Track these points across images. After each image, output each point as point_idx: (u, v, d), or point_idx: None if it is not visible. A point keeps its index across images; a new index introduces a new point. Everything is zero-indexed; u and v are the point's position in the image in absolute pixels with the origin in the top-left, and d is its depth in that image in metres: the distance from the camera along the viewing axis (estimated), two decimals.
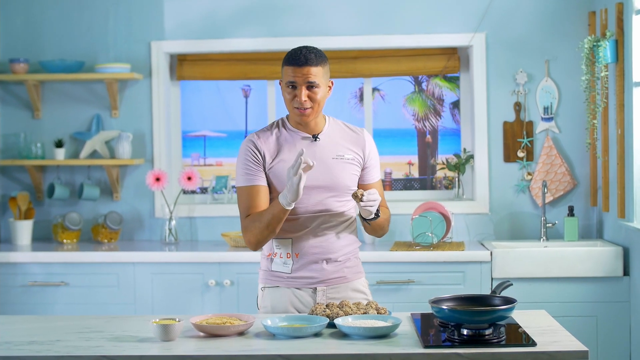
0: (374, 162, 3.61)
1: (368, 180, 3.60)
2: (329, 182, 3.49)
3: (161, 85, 5.86)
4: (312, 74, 3.41)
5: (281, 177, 3.46)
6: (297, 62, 3.40)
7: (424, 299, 4.90)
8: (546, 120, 5.70)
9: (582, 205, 5.70)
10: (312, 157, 3.45)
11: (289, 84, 3.43)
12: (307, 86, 3.41)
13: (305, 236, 3.50)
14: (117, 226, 5.78)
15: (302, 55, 3.41)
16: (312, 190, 3.46)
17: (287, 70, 3.43)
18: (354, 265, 3.61)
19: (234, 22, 5.82)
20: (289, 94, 3.44)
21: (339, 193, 3.51)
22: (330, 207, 3.51)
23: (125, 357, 2.86)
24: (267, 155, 3.49)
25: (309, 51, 3.43)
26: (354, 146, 3.56)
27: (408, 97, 6.03)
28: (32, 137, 5.89)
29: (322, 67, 3.44)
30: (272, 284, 3.55)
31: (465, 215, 5.76)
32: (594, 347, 5.09)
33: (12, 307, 5.31)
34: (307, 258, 3.50)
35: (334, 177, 3.49)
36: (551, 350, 2.83)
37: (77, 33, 5.89)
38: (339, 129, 3.58)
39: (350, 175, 3.53)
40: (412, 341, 2.97)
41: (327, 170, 3.48)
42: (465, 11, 5.74)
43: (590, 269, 5.11)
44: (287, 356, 2.84)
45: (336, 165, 3.50)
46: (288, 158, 3.47)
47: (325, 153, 3.50)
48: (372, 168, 3.60)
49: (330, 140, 3.53)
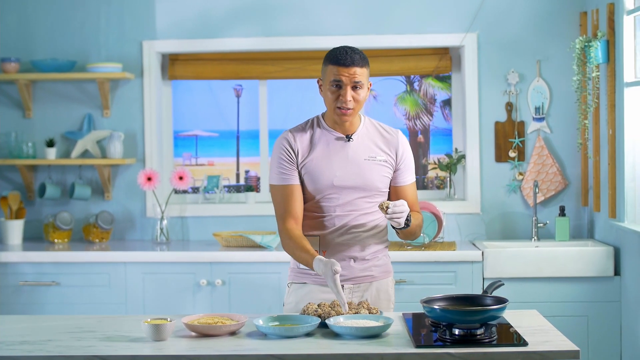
0: (406, 164, 3.59)
1: (400, 182, 3.58)
2: (359, 183, 3.50)
3: (153, 84, 5.85)
4: (358, 75, 3.41)
5: (313, 175, 3.48)
6: (345, 62, 3.40)
7: (416, 298, 4.89)
8: (537, 121, 5.71)
9: (573, 205, 5.71)
10: (345, 158, 3.49)
11: (334, 82, 3.42)
12: (352, 86, 3.42)
13: (334, 234, 3.51)
14: (109, 226, 5.77)
15: (349, 55, 3.40)
16: (343, 190, 3.48)
17: (332, 69, 3.42)
18: (383, 264, 3.62)
19: (226, 21, 5.82)
20: (332, 93, 3.43)
21: (369, 194, 3.52)
22: (360, 207, 3.52)
23: (117, 357, 2.86)
24: (300, 153, 3.50)
25: (354, 52, 3.42)
26: (386, 148, 3.55)
27: (399, 97, 6.03)
28: (23, 137, 5.87)
29: (367, 69, 3.45)
30: (300, 281, 3.58)
31: (457, 215, 5.76)
32: (585, 346, 5.10)
33: (3, 307, 5.30)
34: (335, 256, 3.51)
35: (365, 178, 3.50)
36: (542, 350, 2.83)
37: (69, 32, 5.88)
38: (373, 129, 3.58)
39: (381, 177, 3.53)
40: (404, 341, 2.97)
41: (358, 171, 3.49)
42: (457, 11, 5.74)
43: (582, 269, 5.12)
44: (279, 356, 2.84)
45: (368, 166, 3.51)
46: (320, 156, 3.49)
47: (358, 154, 3.51)
48: (405, 170, 3.58)
49: (363, 141, 3.53)
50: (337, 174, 3.48)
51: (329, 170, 3.48)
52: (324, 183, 3.48)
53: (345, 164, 3.49)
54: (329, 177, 3.47)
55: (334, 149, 3.50)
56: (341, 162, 3.49)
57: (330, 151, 3.50)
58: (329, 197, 3.49)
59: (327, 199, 3.49)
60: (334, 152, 3.50)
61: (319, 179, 3.48)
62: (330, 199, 3.48)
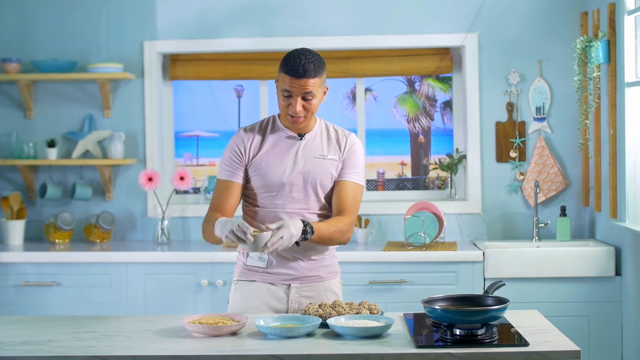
0: (351, 163, 3.56)
1: (341, 177, 3.55)
2: (309, 181, 3.51)
3: (154, 85, 5.86)
4: (310, 85, 3.39)
5: (263, 172, 3.50)
6: (296, 73, 3.37)
7: (417, 299, 4.90)
8: (538, 121, 5.71)
9: (574, 206, 5.71)
10: (295, 156, 3.50)
11: (285, 92, 3.42)
12: (302, 97, 3.41)
13: None
14: (110, 226, 5.77)
15: (301, 66, 3.36)
16: (293, 188, 3.50)
17: (284, 78, 3.41)
18: (330, 264, 3.63)
19: (227, 22, 5.82)
20: (283, 100, 3.44)
21: (317, 192, 3.53)
22: (309, 205, 3.53)
23: (118, 357, 2.86)
24: (251, 152, 3.53)
25: (309, 61, 3.38)
26: (337, 147, 3.56)
27: (399, 98, 6.03)
28: (24, 137, 5.88)
29: (320, 77, 3.42)
30: (247, 278, 3.58)
31: (458, 215, 5.76)
32: (586, 347, 5.10)
33: (4, 308, 5.30)
34: (283, 254, 3.52)
35: (314, 176, 3.51)
36: (543, 350, 2.83)
37: (70, 33, 5.88)
38: (326, 131, 3.59)
39: (330, 175, 3.54)
40: (405, 341, 2.97)
41: (308, 169, 3.51)
42: (458, 11, 5.74)
43: (583, 269, 5.12)
44: (280, 356, 2.84)
45: (318, 164, 3.52)
46: (271, 154, 3.51)
47: (309, 152, 3.52)
48: (347, 168, 3.55)
49: (315, 140, 3.55)
50: (287, 171, 3.49)
51: (279, 167, 3.49)
52: (273, 180, 3.49)
53: (296, 161, 3.50)
54: (278, 174, 3.49)
55: (285, 147, 3.52)
56: (291, 160, 3.50)
57: (281, 149, 3.52)
58: (279, 194, 3.50)
59: (277, 196, 3.51)
60: (285, 150, 3.52)
61: (269, 175, 3.49)
62: (280, 196, 3.50)
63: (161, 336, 3.10)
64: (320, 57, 3.44)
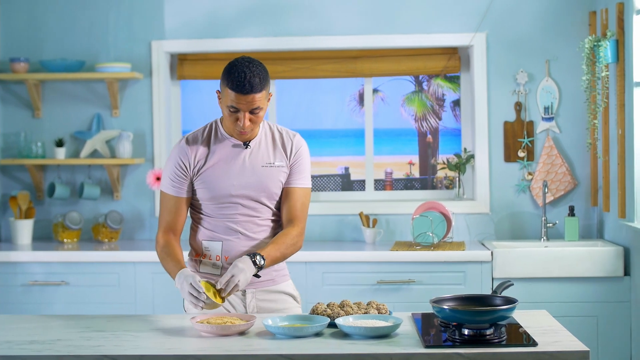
0: (298, 167, 3.52)
1: (289, 184, 3.52)
2: (258, 189, 3.47)
3: (162, 84, 5.86)
4: (257, 101, 3.33)
5: (210, 184, 3.45)
6: (242, 89, 3.29)
7: (425, 298, 4.91)
8: (547, 120, 5.70)
9: (583, 205, 5.70)
10: (242, 166, 3.45)
11: (231, 108, 3.35)
12: (250, 111, 3.35)
13: (235, 240, 3.48)
14: (118, 225, 5.78)
15: (247, 81, 3.28)
16: (242, 198, 3.46)
17: (229, 94, 3.33)
18: (281, 268, 3.60)
19: (235, 21, 5.82)
20: (230, 115, 3.36)
21: (267, 200, 3.50)
22: (259, 212, 3.50)
23: (126, 357, 2.86)
24: (196, 163, 3.46)
25: (253, 75, 3.30)
26: (282, 152, 3.51)
27: (407, 97, 6.03)
28: (33, 137, 5.89)
29: (266, 89, 3.36)
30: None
31: (466, 215, 5.76)
32: (594, 347, 5.09)
33: (12, 307, 5.31)
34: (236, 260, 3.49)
35: (263, 184, 3.47)
36: (552, 350, 2.83)
37: (78, 32, 5.89)
38: (270, 135, 3.53)
39: (279, 182, 3.50)
40: (413, 341, 2.97)
41: (256, 179, 3.46)
42: (466, 11, 5.73)
43: (591, 269, 5.11)
44: (288, 356, 2.84)
45: (266, 173, 3.47)
46: (217, 165, 3.45)
47: (256, 161, 3.47)
48: (295, 173, 3.52)
49: (261, 148, 3.49)
50: (235, 182, 3.44)
51: (227, 179, 3.44)
52: (221, 192, 3.44)
53: (243, 172, 3.44)
54: (226, 186, 3.44)
55: (232, 157, 3.46)
56: (238, 170, 3.45)
57: (227, 159, 3.45)
58: (228, 205, 3.46)
59: (226, 206, 3.46)
60: (231, 160, 3.45)
61: (216, 187, 3.44)
62: (230, 207, 3.46)
63: (169, 335, 3.10)
64: (263, 67, 3.37)
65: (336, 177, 6.14)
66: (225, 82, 3.34)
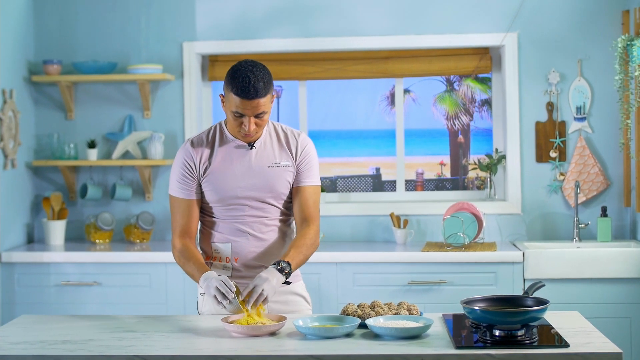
0: (306, 166, 3.52)
1: (299, 182, 3.52)
2: (265, 190, 3.47)
3: (193, 85, 5.88)
4: (262, 105, 3.32)
5: (216, 186, 3.45)
6: (247, 95, 3.28)
7: (456, 299, 4.88)
8: (579, 120, 5.67)
9: (616, 206, 5.66)
10: (248, 167, 3.45)
11: (236, 113, 3.33)
12: (255, 115, 3.34)
13: (244, 241, 3.49)
14: (149, 226, 5.81)
15: (252, 87, 3.27)
16: (251, 198, 3.46)
17: (233, 99, 3.31)
18: None
19: (266, 22, 5.83)
20: (235, 120, 3.35)
21: (274, 200, 3.50)
22: (268, 213, 3.50)
23: (158, 357, 2.87)
24: (201, 165, 3.47)
25: (258, 79, 3.29)
26: (288, 151, 3.50)
27: (439, 96, 6.02)
28: (65, 138, 5.93)
29: (270, 93, 3.35)
30: None
31: (497, 216, 5.73)
32: (627, 348, 5.05)
33: (45, 307, 5.35)
34: (246, 262, 3.50)
35: (271, 185, 3.47)
36: (584, 351, 2.81)
37: (110, 34, 5.93)
38: (275, 135, 3.53)
39: (286, 182, 3.50)
40: (444, 342, 2.96)
41: (263, 179, 3.46)
42: (497, 11, 5.71)
43: (624, 270, 5.07)
44: (319, 356, 2.84)
45: (272, 173, 3.47)
46: (222, 167, 3.45)
47: (261, 161, 3.47)
48: (304, 171, 3.51)
49: (266, 148, 3.49)
50: (241, 184, 3.44)
51: (233, 181, 3.44)
52: (228, 193, 3.44)
53: (249, 173, 3.44)
54: (232, 187, 3.44)
55: (236, 158, 3.46)
56: (244, 172, 3.45)
57: (232, 161, 3.45)
58: (236, 206, 3.46)
59: (233, 208, 3.46)
60: (236, 162, 3.45)
61: (223, 189, 3.44)
62: (237, 208, 3.46)
63: (200, 336, 3.11)
64: (266, 70, 3.35)
65: (367, 177, 6.14)
66: (229, 87, 3.33)
